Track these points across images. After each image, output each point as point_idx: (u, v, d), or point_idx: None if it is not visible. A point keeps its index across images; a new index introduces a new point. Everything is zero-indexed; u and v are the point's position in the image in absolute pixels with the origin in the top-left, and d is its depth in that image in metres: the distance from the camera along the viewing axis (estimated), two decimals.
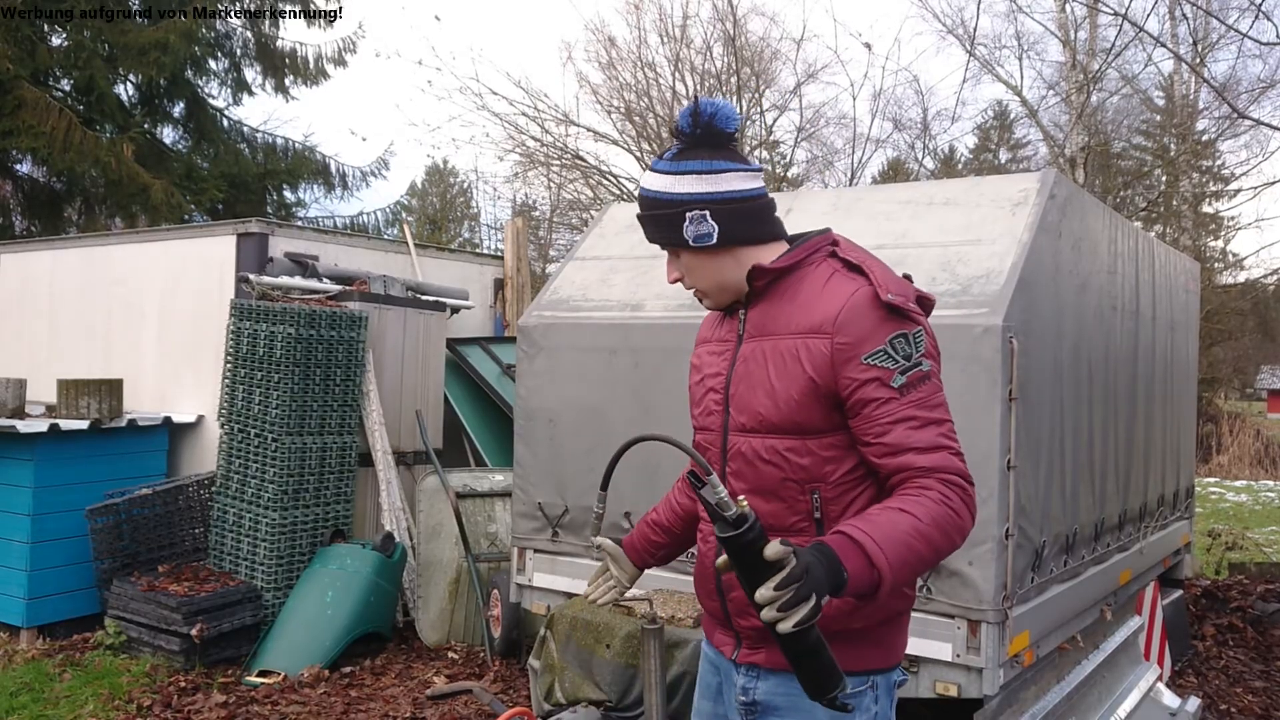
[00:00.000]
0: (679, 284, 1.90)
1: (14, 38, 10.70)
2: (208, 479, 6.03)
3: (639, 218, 1.87)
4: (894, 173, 21.79)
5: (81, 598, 5.90)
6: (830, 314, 1.72)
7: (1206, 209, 18.96)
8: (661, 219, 1.82)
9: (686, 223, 1.79)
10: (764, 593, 1.40)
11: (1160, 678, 5.01)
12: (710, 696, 1.97)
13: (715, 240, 1.80)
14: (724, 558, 1.47)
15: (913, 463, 1.66)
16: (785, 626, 1.39)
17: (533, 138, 15.44)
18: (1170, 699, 4.78)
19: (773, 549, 1.41)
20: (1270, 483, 15.94)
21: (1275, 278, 18.46)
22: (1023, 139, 29.06)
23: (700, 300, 1.91)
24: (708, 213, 1.78)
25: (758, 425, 1.77)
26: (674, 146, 1.83)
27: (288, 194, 13.96)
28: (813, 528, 1.74)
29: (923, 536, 1.57)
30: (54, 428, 5.77)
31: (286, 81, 13.76)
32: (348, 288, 6.56)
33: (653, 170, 1.83)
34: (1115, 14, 8.62)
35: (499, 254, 8.86)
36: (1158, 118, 19.09)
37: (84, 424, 5.89)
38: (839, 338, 1.70)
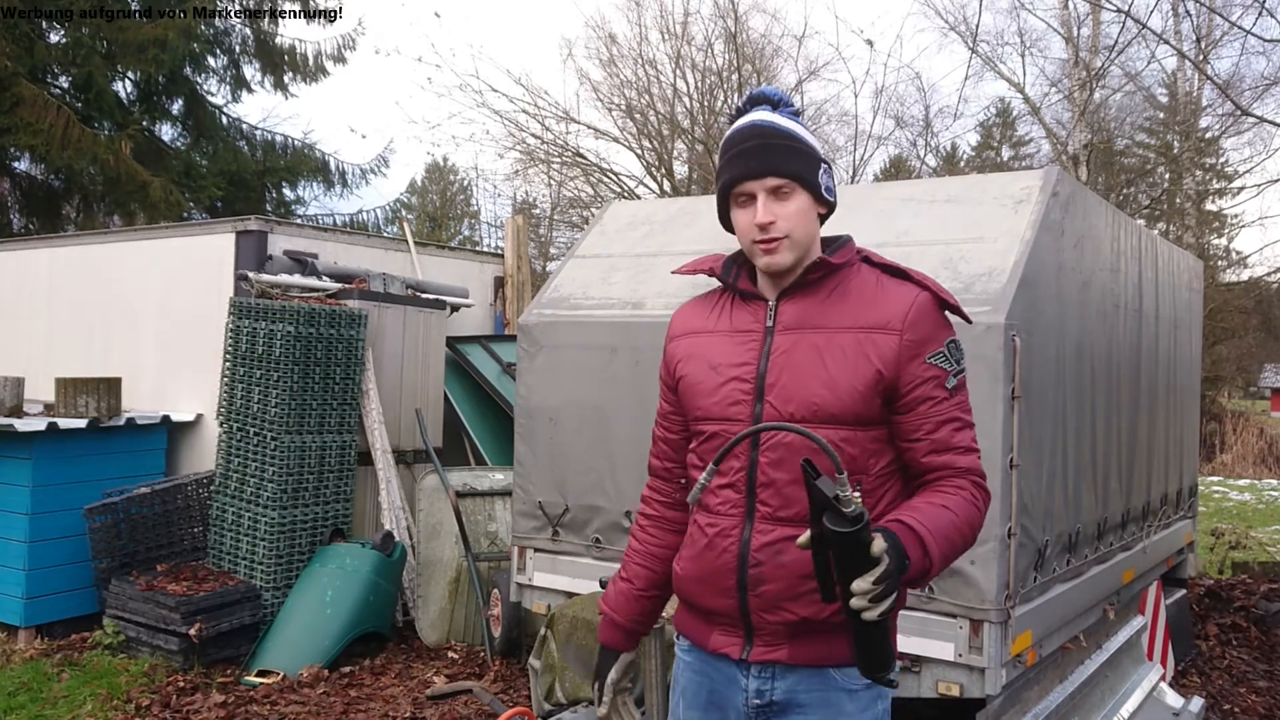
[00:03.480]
0: (757, 229, 1.80)
1: (12, 35, 10.68)
2: (206, 478, 6.01)
3: (758, 145, 1.80)
4: (896, 170, 21.76)
5: (80, 597, 5.88)
6: (898, 313, 1.78)
7: (1210, 206, 18.94)
8: (801, 154, 1.81)
9: (823, 171, 1.83)
10: (863, 584, 1.47)
11: (1163, 678, 4.99)
12: (700, 706, 1.89)
13: (833, 200, 1.86)
14: (805, 537, 1.53)
15: (953, 462, 1.76)
16: (872, 615, 1.49)
17: (533, 135, 15.45)
18: (1173, 699, 4.77)
19: (878, 545, 1.48)
20: (1274, 481, 15.92)
21: (1279, 275, 18.43)
22: (1025, 136, 29.04)
23: (766, 253, 1.80)
24: (833, 176, 1.88)
25: (811, 415, 1.75)
26: (783, 109, 1.85)
27: (287, 191, 13.95)
28: None
29: (959, 532, 1.69)
30: (52, 426, 5.75)
31: (286, 79, 13.76)
32: (347, 286, 6.54)
33: (777, 114, 1.84)
34: (1118, 10, 8.59)
35: (499, 252, 8.84)
36: (1161, 115, 19.05)
37: (82, 423, 5.87)
38: (908, 335, 1.76)
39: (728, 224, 1.90)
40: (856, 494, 1.49)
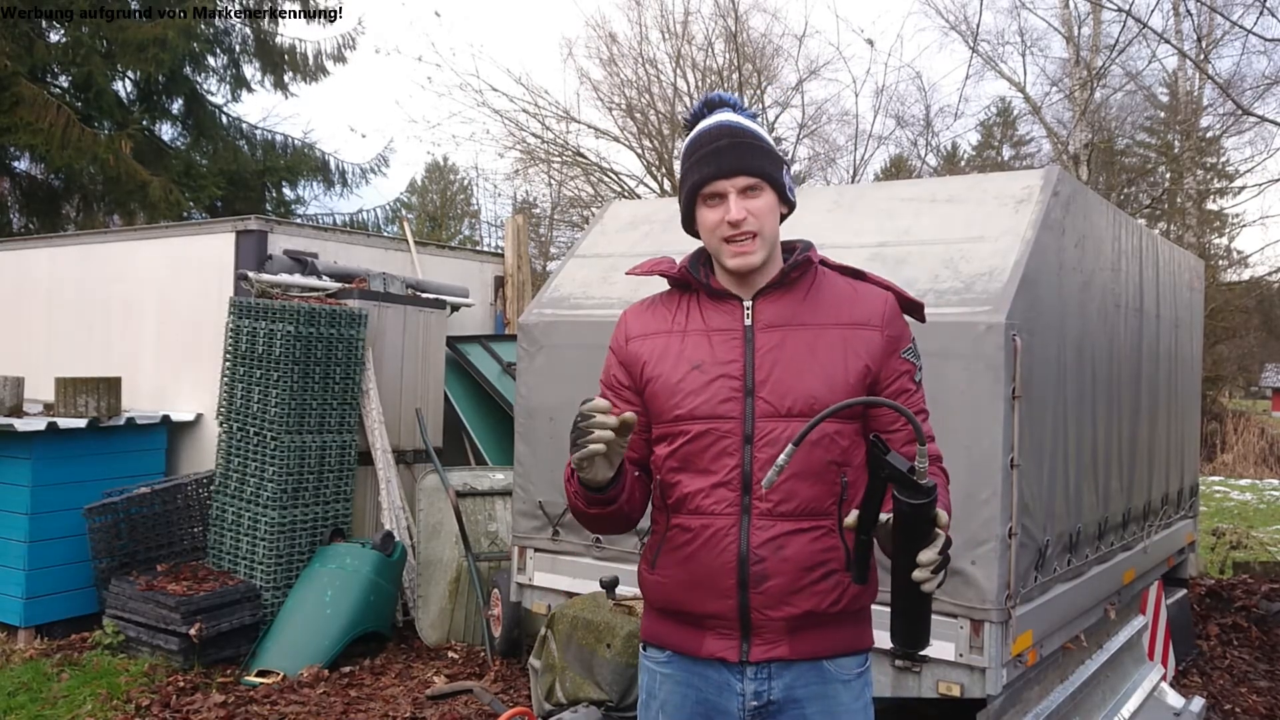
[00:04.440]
0: (728, 226, 1.81)
1: (12, 34, 10.67)
2: (206, 478, 6.00)
3: (729, 145, 1.82)
4: (896, 170, 21.76)
5: (79, 597, 5.87)
6: (876, 311, 1.86)
7: (1210, 206, 18.89)
8: (768, 154, 1.85)
9: (785, 170, 1.88)
10: (929, 555, 1.54)
11: (1164, 677, 4.99)
12: (685, 717, 1.86)
13: (794, 200, 1.91)
14: (853, 517, 1.60)
15: (928, 451, 1.81)
16: (931, 587, 1.56)
17: (533, 134, 15.44)
18: (1174, 699, 4.77)
19: (943, 517, 1.56)
20: (1275, 481, 15.91)
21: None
22: (1026, 136, 28.98)
23: (738, 252, 1.81)
24: (791, 176, 1.93)
25: (808, 409, 1.76)
26: (741, 111, 1.90)
27: (287, 191, 13.93)
28: (836, 510, 1.80)
29: (950, 513, 1.73)
30: (52, 426, 5.74)
31: (286, 78, 13.73)
32: (347, 285, 6.53)
33: (742, 116, 1.89)
34: (1119, 10, 8.58)
35: (499, 251, 8.83)
36: (1162, 114, 19.02)
37: (82, 422, 5.87)
38: (888, 331, 1.85)
39: (690, 225, 1.91)
40: (926, 465, 1.54)
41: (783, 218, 1.90)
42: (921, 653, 1.66)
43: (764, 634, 1.79)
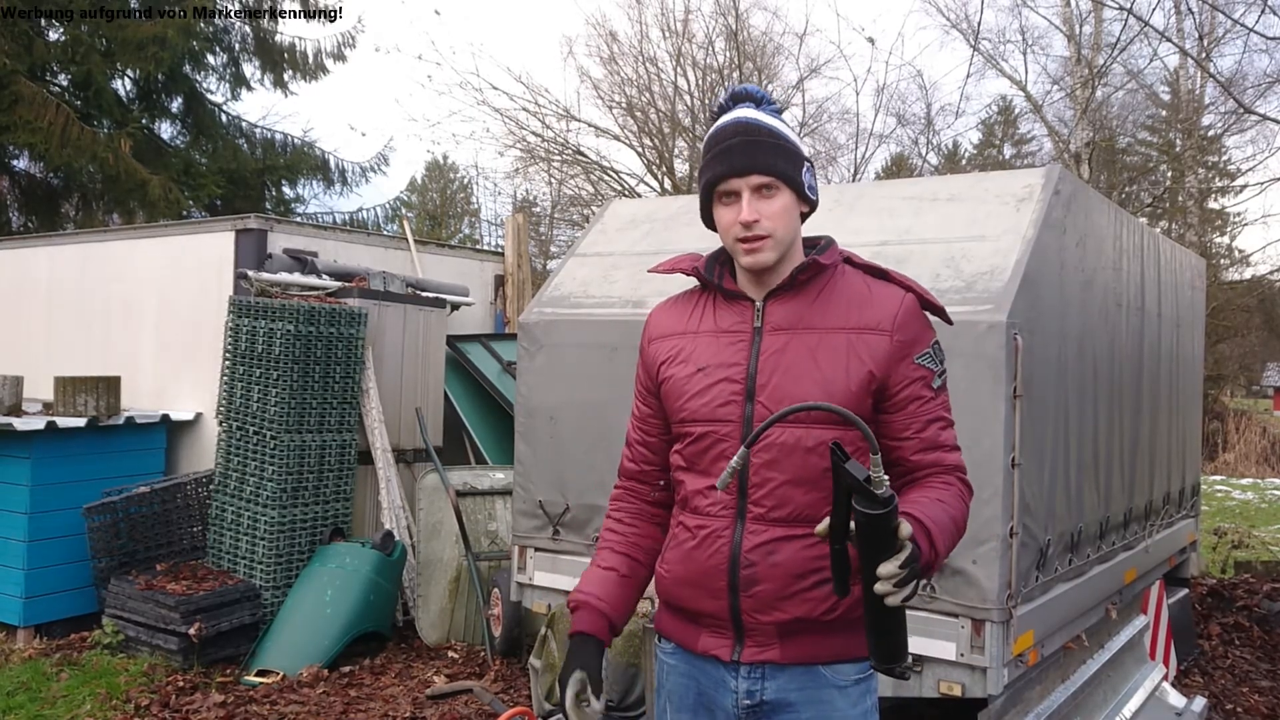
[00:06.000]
0: (740, 227, 1.79)
1: (11, 33, 10.65)
2: (206, 477, 5.99)
3: (743, 143, 1.78)
4: (897, 168, 21.76)
5: (79, 596, 5.87)
6: (888, 314, 1.80)
7: (1212, 205, 18.87)
8: (785, 152, 1.80)
9: (806, 169, 1.84)
10: (889, 568, 1.49)
11: (1166, 677, 4.98)
12: (689, 708, 1.88)
13: (815, 199, 1.86)
14: (824, 525, 1.55)
15: (943, 460, 1.81)
16: (895, 601, 1.50)
17: (533, 133, 15.43)
18: (1176, 698, 4.76)
19: (905, 529, 1.51)
20: (1276, 480, 15.90)
21: None
22: (1027, 134, 28.93)
23: (749, 251, 1.79)
24: (814, 175, 1.88)
25: (805, 416, 1.74)
26: (765, 106, 1.85)
27: (286, 190, 13.90)
28: None
29: (955, 526, 1.73)
30: (51, 425, 5.74)
31: (285, 77, 13.70)
32: (347, 284, 6.52)
33: (760, 111, 1.83)
34: (1120, 8, 8.57)
35: (499, 250, 8.82)
36: (1163, 113, 19.01)
37: (81, 422, 5.86)
38: (898, 336, 1.79)
39: (709, 221, 1.89)
40: (885, 476, 1.50)
41: (805, 216, 1.86)
42: (903, 668, 1.59)
43: (755, 636, 1.79)
